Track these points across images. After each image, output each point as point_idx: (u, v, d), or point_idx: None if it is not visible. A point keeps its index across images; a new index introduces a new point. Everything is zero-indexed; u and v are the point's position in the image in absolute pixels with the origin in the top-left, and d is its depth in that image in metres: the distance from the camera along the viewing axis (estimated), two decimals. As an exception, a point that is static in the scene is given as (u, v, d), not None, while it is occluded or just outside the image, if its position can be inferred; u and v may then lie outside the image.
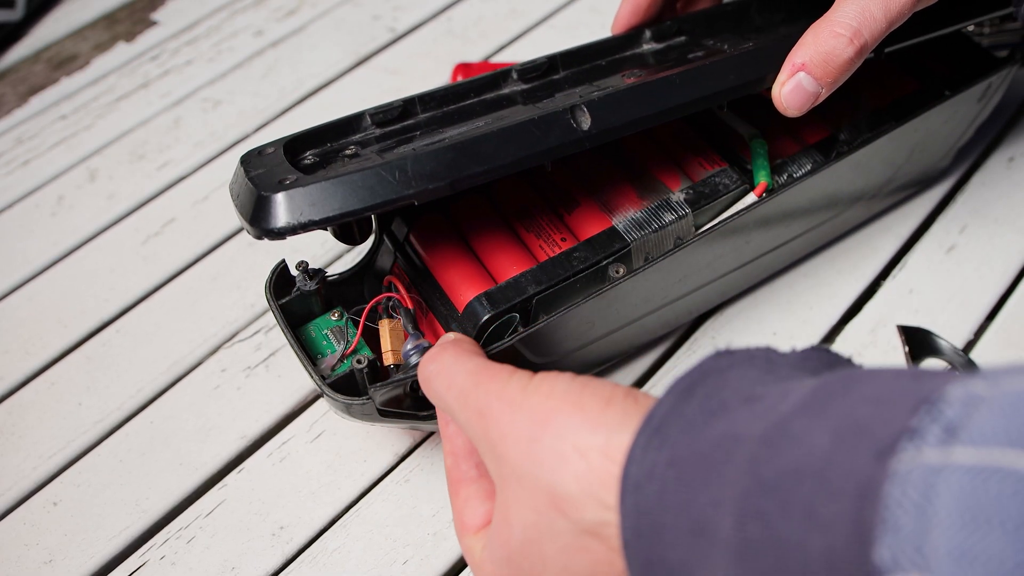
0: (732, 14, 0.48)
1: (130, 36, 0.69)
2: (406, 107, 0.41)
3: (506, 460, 0.30)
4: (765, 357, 0.28)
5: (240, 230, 0.56)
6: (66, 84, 0.66)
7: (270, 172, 0.37)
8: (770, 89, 0.41)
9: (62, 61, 0.67)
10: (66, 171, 0.60)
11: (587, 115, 0.38)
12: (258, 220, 0.35)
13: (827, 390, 0.24)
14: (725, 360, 0.28)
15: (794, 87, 0.40)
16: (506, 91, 0.43)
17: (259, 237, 0.37)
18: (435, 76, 0.64)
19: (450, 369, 0.34)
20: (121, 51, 0.68)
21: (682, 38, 0.46)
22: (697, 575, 0.24)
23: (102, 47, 0.68)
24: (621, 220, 0.43)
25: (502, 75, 0.43)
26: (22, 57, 0.68)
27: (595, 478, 0.27)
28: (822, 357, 0.27)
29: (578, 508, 0.28)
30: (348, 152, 0.39)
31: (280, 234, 0.35)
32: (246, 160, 0.38)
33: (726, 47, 0.44)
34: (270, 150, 0.38)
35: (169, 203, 0.58)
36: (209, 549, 0.43)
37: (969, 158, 0.56)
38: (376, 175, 0.35)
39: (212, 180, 0.59)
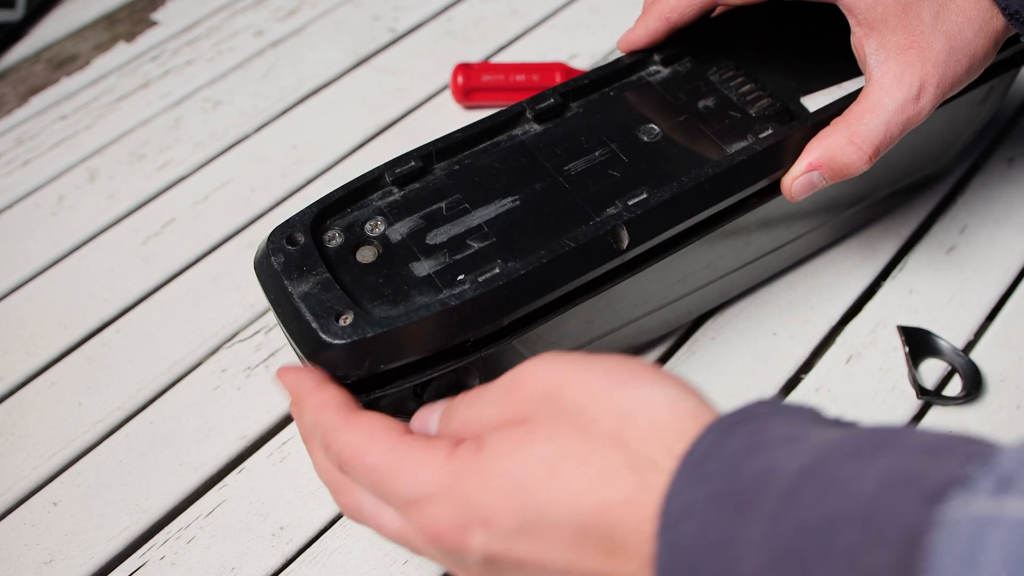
0: (731, 34, 0.48)
1: (130, 36, 0.69)
2: (424, 163, 0.41)
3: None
4: (810, 412, 0.27)
5: (240, 230, 0.56)
6: (66, 84, 0.66)
7: (316, 295, 0.36)
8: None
9: (62, 61, 0.67)
10: (66, 171, 0.60)
11: (625, 234, 0.39)
12: (317, 359, 0.36)
13: (876, 438, 0.24)
14: (768, 407, 0.27)
15: (804, 182, 0.42)
16: (520, 134, 0.43)
17: None
18: (435, 76, 0.64)
19: None
20: (121, 51, 0.68)
21: (687, 60, 0.46)
22: None
23: (102, 47, 0.68)
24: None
25: (515, 115, 0.43)
26: (22, 57, 0.68)
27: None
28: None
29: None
30: (374, 231, 0.39)
31: (342, 378, 0.36)
32: (275, 250, 0.38)
33: (731, 82, 0.45)
34: (300, 238, 0.38)
35: (169, 203, 0.58)
36: (209, 549, 0.43)
37: (969, 159, 0.56)
38: (437, 323, 0.36)
39: (212, 180, 0.59)
